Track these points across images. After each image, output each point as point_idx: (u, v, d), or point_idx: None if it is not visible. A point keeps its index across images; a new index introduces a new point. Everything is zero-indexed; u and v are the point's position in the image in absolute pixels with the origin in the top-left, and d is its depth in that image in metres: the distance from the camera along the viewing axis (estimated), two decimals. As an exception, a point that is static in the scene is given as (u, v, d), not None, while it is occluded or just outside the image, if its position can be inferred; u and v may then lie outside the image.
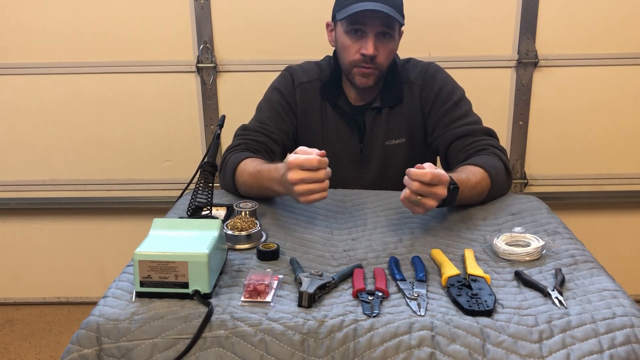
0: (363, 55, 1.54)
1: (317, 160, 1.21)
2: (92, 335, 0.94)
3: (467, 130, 1.57)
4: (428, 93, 1.64)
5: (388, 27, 1.53)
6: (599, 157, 2.39)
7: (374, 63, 1.55)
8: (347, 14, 1.51)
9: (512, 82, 2.30)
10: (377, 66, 1.56)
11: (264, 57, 2.28)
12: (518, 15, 2.23)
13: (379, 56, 1.55)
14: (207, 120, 2.36)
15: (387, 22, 1.52)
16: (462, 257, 1.15)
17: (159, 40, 2.28)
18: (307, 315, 0.95)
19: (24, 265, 2.59)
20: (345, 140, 1.69)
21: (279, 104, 1.68)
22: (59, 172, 2.44)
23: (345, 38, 1.57)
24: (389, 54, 1.58)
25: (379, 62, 1.56)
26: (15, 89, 2.35)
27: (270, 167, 1.39)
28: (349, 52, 1.57)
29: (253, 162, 1.49)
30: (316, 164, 1.21)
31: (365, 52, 1.53)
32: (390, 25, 1.53)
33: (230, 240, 1.21)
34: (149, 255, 0.98)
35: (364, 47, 1.53)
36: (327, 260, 1.16)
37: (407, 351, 0.88)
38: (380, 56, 1.55)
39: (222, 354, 0.91)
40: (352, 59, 1.57)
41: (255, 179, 1.43)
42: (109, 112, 2.37)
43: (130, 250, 1.00)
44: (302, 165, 1.21)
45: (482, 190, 1.41)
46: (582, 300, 0.98)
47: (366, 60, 1.55)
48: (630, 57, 2.27)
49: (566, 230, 1.28)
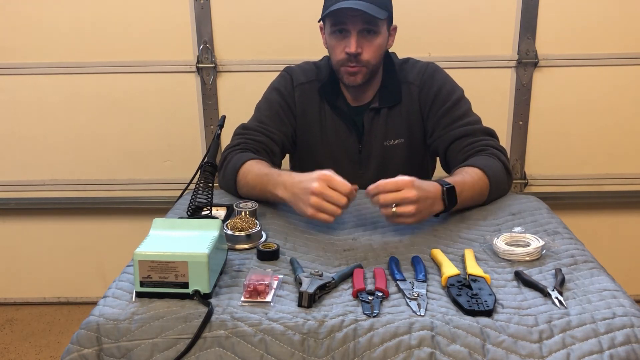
0: (347, 54, 1.54)
1: (349, 188, 1.24)
2: (92, 335, 0.94)
3: (466, 131, 1.57)
4: (427, 93, 1.64)
5: (370, 23, 1.52)
6: (599, 157, 2.39)
7: (359, 61, 1.55)
8: (326, 14, 1.52)
9: (512, 82, 2.30)
10: (363, 64, 1.56)
11: (264, 57, 2.28)
12: (518, 15, 2.23)
13: (364, 53, 1.54)
14: (207, 120, 2.36)
15: (368, 18, 1.51)
16: (462, 257, 1.15)
17: (159, 40, 2.28)
18: (307, 315, 0.95)
19: (24, 265, 2.59)
20: (344, 141, 1.69)
21: (278, 104, 1.68)
22: (59, 172, 2.44)
23: (330, 39, 1.58)
24: (375, 50, 1.57)
25: (364, 60, 1.55)
26: (15, 89, 2.35)
27: (279, 171, 1.39)
28: (336, 52, 1.58)
29: (258, 164, 1.49)
30: (346, 191, 1.23)
31: (348, 51, 1.53)
32: (372, 22, 1.52)
33: (230, 240, 1.21)
34: (149, 255, 0.98)
35: (348, 46, 1.53)
36: (327, 260, 1.16)
37: (407, 351, 0.88)
38: (366, 53, 1.55)
39: (222, 354, 0.91)
40: (338, 59, 1.58)
41: (260, 181, 1.43)
42: (109, 112, 2.37)
43: (130, 250, 1.00)
44: (331, 183, 1.23)
45: (481, 191, 1.41)
46: (582, 300, 0.98)
47: (350, 59, 1.55)
48: (630, 57, 2.27)
49: (566, 230, 1.28)
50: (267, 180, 1.40)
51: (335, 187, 1.23)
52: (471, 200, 1.39)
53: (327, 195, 1.23)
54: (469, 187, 1.36)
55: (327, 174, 1.24)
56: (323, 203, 1.23)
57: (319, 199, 1.23)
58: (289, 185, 1.31)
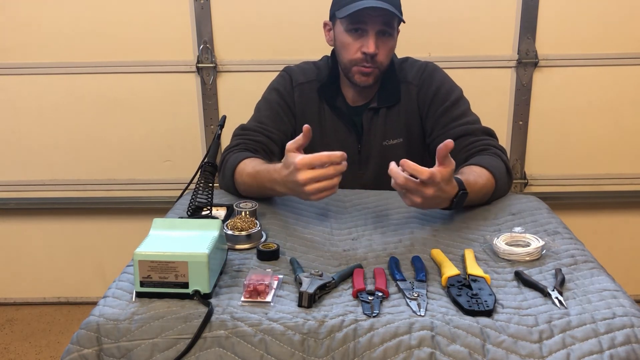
0: (364, 54, 1.54)
1: (327, 155, 1.21)
2: (92, 335, 0.94)
3: (465, 130, 1.57)
4: (425, 93, 1.64)
5: (388, 25, 1.54)
6: (599, 157, 2.39)
7: (374, 62, 1.55)
8: (348, 12, 1.51)
9: (512, 82, 2.30)
10: (377, 65, 1.57)
11: (263, 57, 2.28)
12: (518, 15, 2.23)
13: (380, 55, 1.55)
14: (207, 120, 2.36)
15: (388, 20, 1.52)
16: (462, 257, 1.15)
17: (159, 40, 2.28)
18: (307, 315, 0.95)
19: (24, 265, 2.59)
20: (344, 141, 1.69)
21: (277, 104, 1.68)
22: (59, 172, 2.44)
23: (345, 36, 1.57)
24: (388, 52, 1.58)
25: (379, 61, 1.56)
26: (15, 89, 2.35)
27: (269, 168, 1.38)
28: (350, 51, 1.57)
29: (252, 162, 1.49)
30: (325, 159, 1.21)
31: (366, 51, 1.53)
32: (390, 24, 1.54)
33: (230, 240, 1.21)
34: (149, 255, 0.98)
35: (365, 46, 1.53)
36: (327, 260, 1.16)
37: (407, 351, 0.88)
38: (381, 55, 1.56)
39: (222, 354, 0.91)
40: (352, 58, 1.57)
41: (254, 179, 1.43)
42: (109, 112, 2.37)
43: (130, 250, 1.00)
44: (311, 164, 1.21)
45: (487, 192, 1.41)
46: (582, 300, 0.98)
47: (367, 59, 1.55)
48: (630, 57, 2.27)
49: (566, 230, 1.28)
50: (261, 178, 1.40)
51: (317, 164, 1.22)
52: (474, 202, 1.38)
53: (317, 177, 1.22)
54: (477, 190, 1.36)
55: (303, 161, 1.22)
56: (318, 185, 1.22)
57: (312, 185, 1.22)
58: (281, 181, 1.31)
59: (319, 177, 1.22)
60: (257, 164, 1.46)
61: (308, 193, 1.23)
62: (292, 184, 1.25)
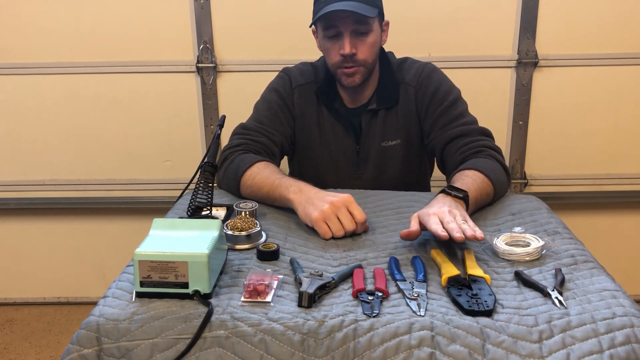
0: (342, 56, 1.54)
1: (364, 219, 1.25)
2: (92, 335, 0.94)
3: (462, 131, 1.57)
4: (423, 94, 1.64)
5: (361, 23, 1.52)
6: (599, 157, 2.39)
7: (355, 61, 1.55)
8: (317, 18, 1.52)
9: (512, 82, 2.30)
10: (360, 63, 1.56)
11: (263, 57, 2.28)
12: (518, 15, 2.23)
13: (359, 53, 1.55)
14: (207, 120, 2.36)
15: (359, 18, 1.51)
16: (462, 257, 1.15)
17: (159, 40, 2.28)
18: (307, 315, 0.95)
19: (24, 265, 2.59)
20: (342, 143, 1.69)
21: (277, 105, 1.68)
22: (59, 172, 2.44)
23: (324, 42, 1.58)
24: (369, 49, 1.57)
25: (360, 59, 1.56)
26: (15, 89, 2.35)
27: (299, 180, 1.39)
28: (331, 55, 1.58)
29: (268, 167, 1.49)
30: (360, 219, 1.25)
31: (342, 52, 1.54)
32: (363, 22, 1.52)
33: (230, 240, 1.21)
34: (149, 255, 0.98)
35: (342, 48, 1.53)
36: (327, 260, 1.16)
37: (407, 351, 0.88)
38: (361, 53, 1.55)
39: (222, 354, 0.91)
40: (334, 61, 1.58)
41: (271, 183, 1.41)
42: (109, 112, 2.37)
43: (130, 250, 1.00)
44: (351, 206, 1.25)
45: (486, 192, 1.40)
46: (582, 300, 0.98)
47: (346, 60, 1.55)
48: (630, 57, 2.27)
49: (566, 230, 1.28)
50: (279, 183, 1.39)
51: (352, 211, 1.25)
52: (479, 202, 1.37)
53: (342, 213, 1.24)
54: (477, 200, 1.35)
55: (351, 198, 1.26)
56: (333, 216, 1.24)
57: (332, 211, 1.24)
58: (306, 190, 1.32)
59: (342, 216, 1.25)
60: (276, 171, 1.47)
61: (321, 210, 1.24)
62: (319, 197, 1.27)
